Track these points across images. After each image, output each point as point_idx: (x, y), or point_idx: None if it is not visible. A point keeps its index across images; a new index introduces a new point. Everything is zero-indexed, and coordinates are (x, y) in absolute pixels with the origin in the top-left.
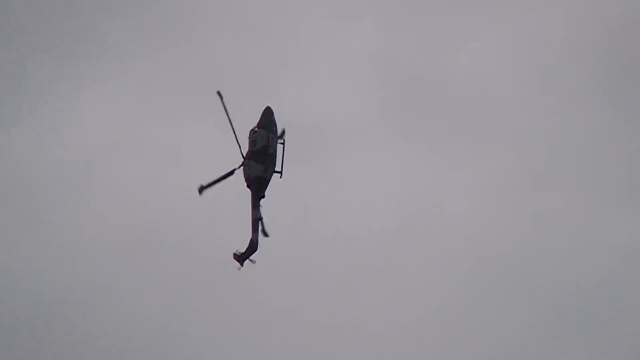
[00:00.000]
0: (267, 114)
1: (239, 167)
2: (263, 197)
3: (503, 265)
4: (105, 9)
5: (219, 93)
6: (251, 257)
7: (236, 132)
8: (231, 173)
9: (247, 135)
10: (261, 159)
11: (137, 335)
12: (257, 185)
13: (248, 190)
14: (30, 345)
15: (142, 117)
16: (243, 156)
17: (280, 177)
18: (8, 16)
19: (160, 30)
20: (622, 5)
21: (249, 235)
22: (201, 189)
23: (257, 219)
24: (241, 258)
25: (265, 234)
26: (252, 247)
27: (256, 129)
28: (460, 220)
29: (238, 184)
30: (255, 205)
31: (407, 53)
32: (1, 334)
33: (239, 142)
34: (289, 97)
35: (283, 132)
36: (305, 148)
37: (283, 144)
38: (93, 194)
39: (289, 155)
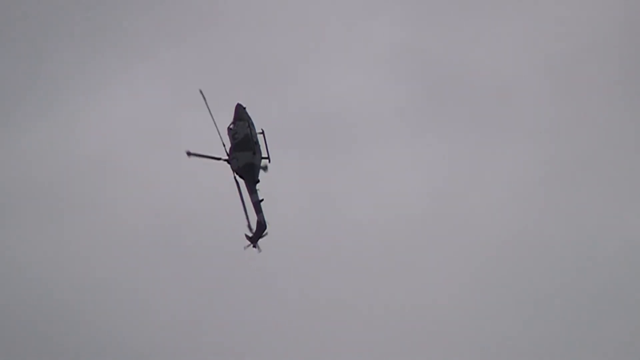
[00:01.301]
0: (240, 108)
1: (227, 161)
2: (258, 181)
3: (527, 259)
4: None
5: (201, 92)
6: (258, 245)
7: (220, 130)
8: (218, 159)
9: (227, 134)
10: (247, 146)
11: (161, 333)
12: (250, 172)
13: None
14: (52, 344)
15: (168, 108)
16: (227, 153)
17: (269, 161)
18: (31, 8)
19: (186, 21)
20: None
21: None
22: (189, 154)
23: (258, 202)
24: (253, 239)
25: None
26: (261, 226)
27: (231, 125)
28: (484, 212)
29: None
30: (253, 191)
31: (432, 45)
32: (20, 333)
33: (223, 141)
34: (313, 89)
35: (262, 132)
36: (328, 140)
37: (262, 133)
38: (119, 187)
39: (311, 148)
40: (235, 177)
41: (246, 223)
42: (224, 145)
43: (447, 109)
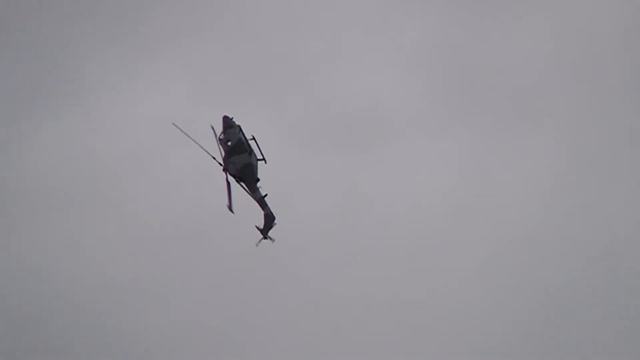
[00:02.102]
0: (227, 119)
1: (227, 173)
2: (258, 180)
3: (556, 256)
4: None
5: (175, 124)
6: (270, 235)
7: (206, 149)
8: (229, 183)
9: (218, 145)
10: (241, 149)
11: (182, 333)
12: (249, 172)
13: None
14: (66, 341)
15: (196, 105)
16: (220, 163)
17: (265, 163)
18: (59, 7)
19: (213, 19)
20: None
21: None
22: (230, 208)
23: (262, 198)
24: (263, 232)
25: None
26: (269, 219)
27: (221, 136)
28: (511, 208)
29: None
30: (255, 189)
31: (459, 42)
32: (33, 330)
33: (213, 155)
34: (340, 85)
35: (253, 138)
36: (356, 135)
37: (254, 139)
38: (147, 185)
39: (338, 143)
40: (227, 179)
41: (227, 204)
42: (214, 159)
43: (473, 106)
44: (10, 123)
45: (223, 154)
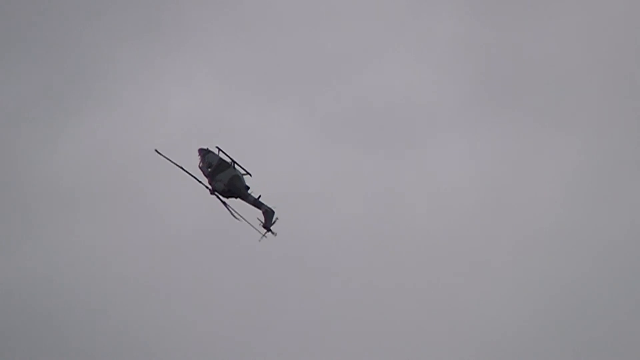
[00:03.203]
0: (203, 151)
1: (219, 195)
2: (248, 188)
3: (591, 255)
4: None
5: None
6: (272, 229)
7: (191, 174)
8: (225, 205)
9: (201, 173)
10: (224, 166)
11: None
12: (237, 184)
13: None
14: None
15: (224, 103)
16: (207, 186)
17: (250, 176)
18: (92, 4)
19: (242, 16)
20: None
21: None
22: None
23: (256, 199)
24: (266, 227)
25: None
26: (269, 214)
27: (200, 164)
28: (543, 206)
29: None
30: (247, 195)
31: (492, 39)
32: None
33: (198, 179)
34: (372, 80)
35: (233, 160)
36: (388, 133)
37: (233, 161)
38: (176, 182)
39: (371, 141)
40: (219, 198)
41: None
42: (201, 182)
43: (506, 103)
44: (37, 121)
45: (207, 179)
